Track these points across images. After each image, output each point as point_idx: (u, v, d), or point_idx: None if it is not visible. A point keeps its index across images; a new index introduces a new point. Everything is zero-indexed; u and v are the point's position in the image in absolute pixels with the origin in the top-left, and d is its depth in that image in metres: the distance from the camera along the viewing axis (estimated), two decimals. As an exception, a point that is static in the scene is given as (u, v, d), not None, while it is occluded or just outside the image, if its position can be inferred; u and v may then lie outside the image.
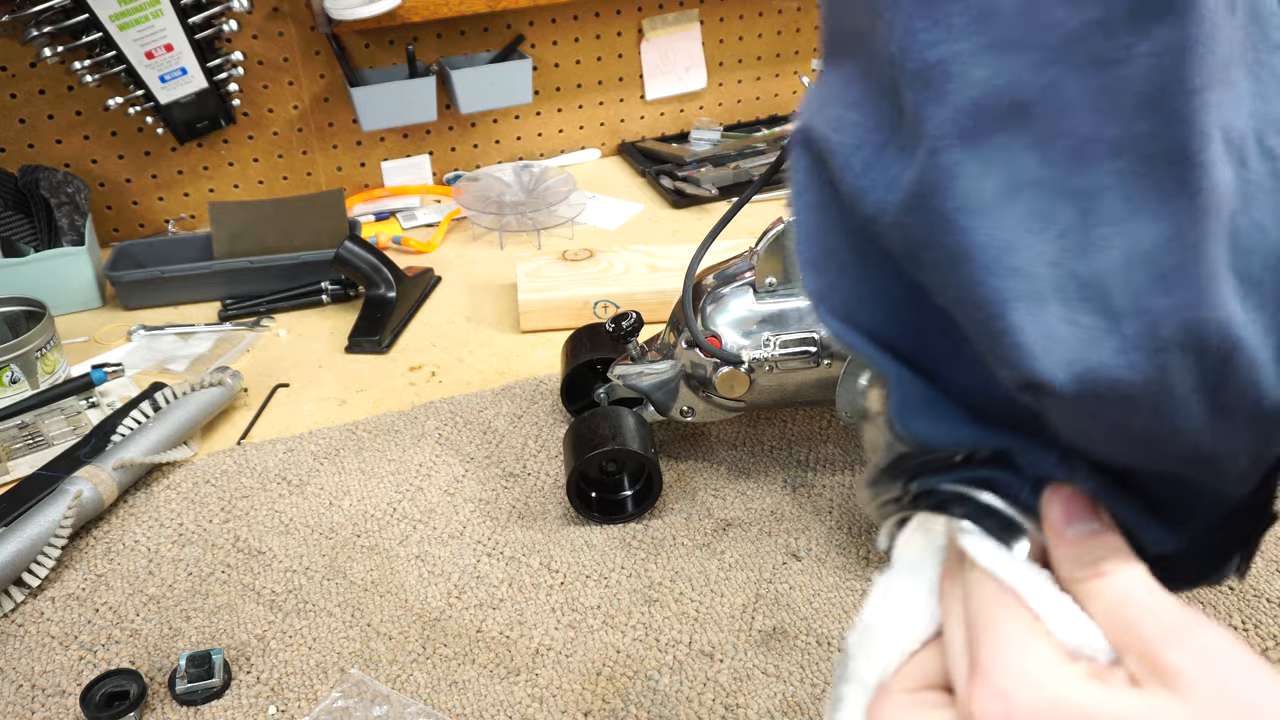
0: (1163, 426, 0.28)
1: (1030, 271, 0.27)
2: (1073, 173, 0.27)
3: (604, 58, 1.70)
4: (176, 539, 0.91)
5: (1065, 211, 0.27)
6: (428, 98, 1.51)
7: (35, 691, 0.76)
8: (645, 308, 1.04)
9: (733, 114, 1.85)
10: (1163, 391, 0.27)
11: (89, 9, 1.28)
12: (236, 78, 1.43)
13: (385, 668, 0.77)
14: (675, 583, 0.84)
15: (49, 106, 1.39)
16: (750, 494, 0.94)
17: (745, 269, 0.90)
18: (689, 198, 1.57)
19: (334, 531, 0.91)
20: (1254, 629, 0.77)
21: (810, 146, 0.32)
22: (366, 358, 1.20)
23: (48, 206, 1.31)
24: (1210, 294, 0.27)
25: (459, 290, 1.35)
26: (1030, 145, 0.27)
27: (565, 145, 1.76)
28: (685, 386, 0.93)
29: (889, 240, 0.31)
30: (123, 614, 0.83)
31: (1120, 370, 0.27)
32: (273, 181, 1.58)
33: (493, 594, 0.84)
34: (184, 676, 0.74)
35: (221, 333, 1.26)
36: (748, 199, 0.89)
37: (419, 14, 1.45)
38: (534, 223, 1.48)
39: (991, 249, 0.27)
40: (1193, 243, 0.27)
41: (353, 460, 1.00)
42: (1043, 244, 0.27)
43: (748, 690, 0.74)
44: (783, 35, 1.80)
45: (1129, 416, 0.28)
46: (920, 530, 0.35)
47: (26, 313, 1.15)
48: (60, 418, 1.07)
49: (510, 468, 0.99)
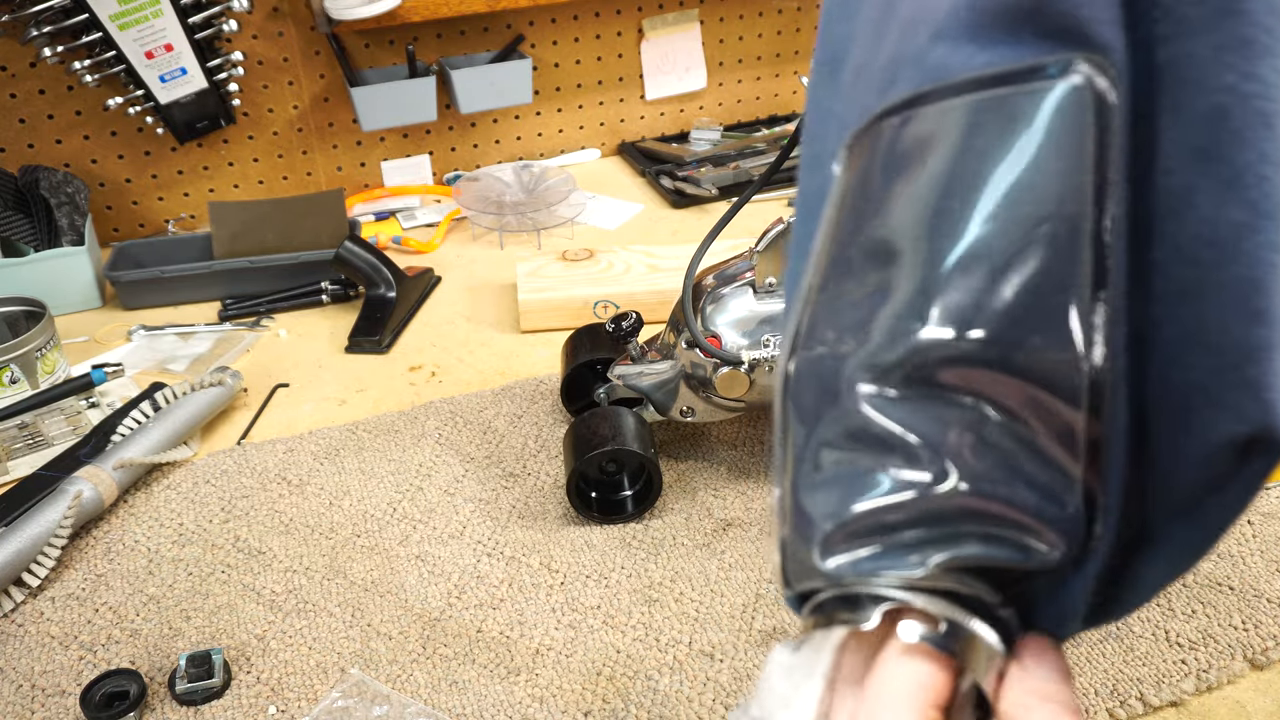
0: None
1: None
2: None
3: (604, 58, 1.70)
4: (176, 539, 0.91)
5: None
6: (428, 98, 1.51)
7: (35, 691, 0.76)
8: (645, 308, 1.04)
9: (733, 114, 1.85)
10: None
11: (89, 9, 1.28)
12: (236, 78, 1.43)
13: (385, 668, 0.77)
14: (675, 583, 0.84)
15: (49, 106, 1.39)
16: (750, 494, 0.94)
17: (745, 269, 0.90)
18: (689, 198, 1.57)
19: (334, 531, 0.91)
20: (1254, 629, 0.77)
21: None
22: (366, 358, 1.20)
23: (48, 206, 1.31)
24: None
25: (459, 290, 1.35)
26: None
27: (565, 145, 1.76)
28: (685, 386, 0.93)
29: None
30: (123, 614, 0.83)
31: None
32: (273, 181, 1.58)
33: (493, 594, 0.84)
34: (184, 676, 0.74)
35: (221, 333, 1.26)
36: (748, 199, 0.89)
37: (419, 14, 1.46)
38: (534, 223, 1.48)
39: (1246, 284, 0.27)
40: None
41: (353, 460, 1.00)
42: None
43: (748, 690, 0.74)
44: (783, 35, 1.80)
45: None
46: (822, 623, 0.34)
47: (26, 313, 1.15)
48: (60, 418, 1.07)
49: (510, 468, 0.99)
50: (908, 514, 0.31)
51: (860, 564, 0.32)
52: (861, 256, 0.33)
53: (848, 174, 0.35)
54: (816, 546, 0.32)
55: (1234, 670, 0.74)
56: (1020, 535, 0.30)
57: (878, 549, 0.31)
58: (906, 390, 0.31)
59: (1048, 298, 0.29)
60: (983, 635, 0.31)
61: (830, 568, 0.32)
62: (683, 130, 1.82)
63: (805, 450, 0.34)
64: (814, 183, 0.39)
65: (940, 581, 0.31)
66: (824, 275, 0.35)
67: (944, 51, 0.32)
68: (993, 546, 0.30)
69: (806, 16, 1.80)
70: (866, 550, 0.32)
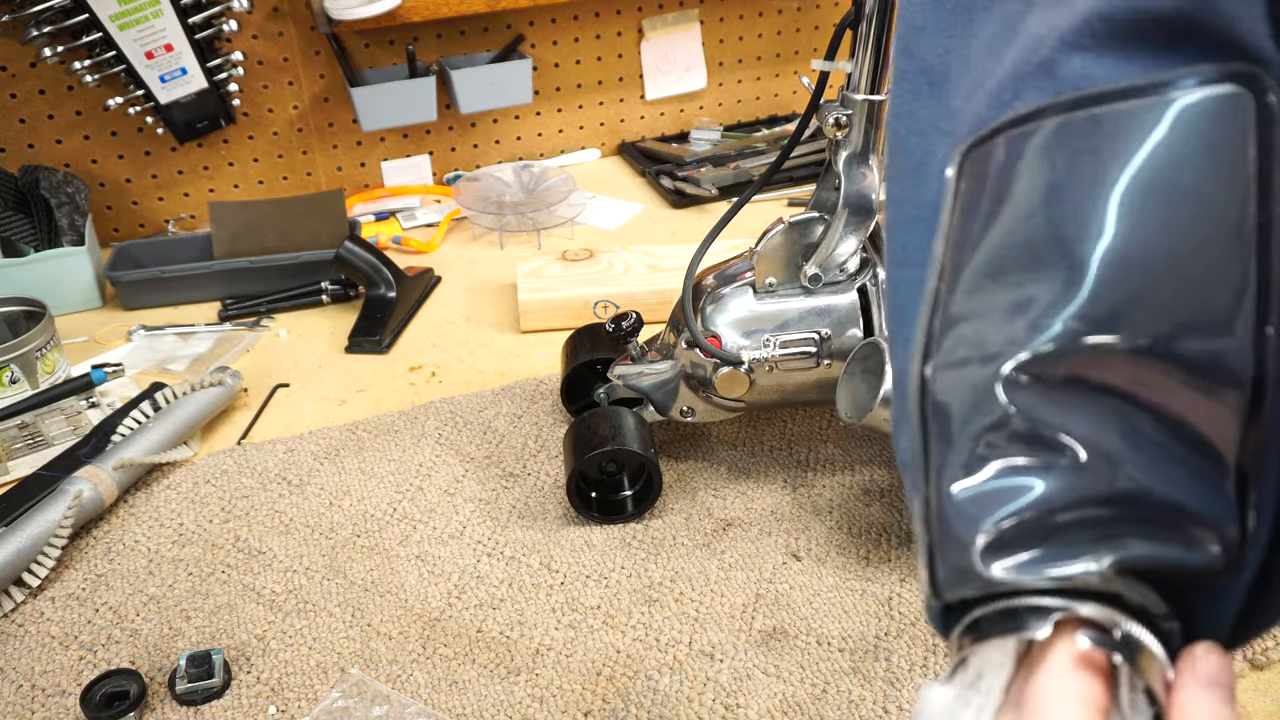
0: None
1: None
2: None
3: (604, 58, 1.70)
4: (176, 539, 0.91)
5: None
6: (428, 98, 1.51)
7: (35, 691, 0.76)
8: (645, 308, 1.04)
9: (733, 114, 1.85)
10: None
11: (89, 9, 1.28)
12: (236, 78, 1.43)
13: (385, 668, 0.77)
14: (675, 583, 0.84)
15: (49, 106, 1.39)
16: (750, 494, 0.94)
17: (745, 269, 0.90)
18: (689, 198, 1.57)
19: (334, 531, 0.91)
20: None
21: None
22: (366, 358, 1.20)
23: (48, 206, 1.31)
24: None
25: (459, 290, 1.35)
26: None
27: (565, 145, 1.76)
28: (685, 386, 0.93)
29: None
30: (123, 614, 0.83)
31: None
32: (273, 181, 1.58)
33: (493, 594, 0.84)
34: (184, 676, 0.74)
35: (221, 333, 1.26)
36: (748, 199, 0.89)
37: (419, 14, 1.45)
38: (534, 223, 1.48)
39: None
40: None
41: (353, 460, 1.00)
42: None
43: (748, 690, 0.74)
44: (783, 35, 1.80)
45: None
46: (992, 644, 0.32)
47: (26, 313, 1.15)
48: (60, 418, 1.07)
49: (510, 468, 0.99)
50: (1069, 515, 0.30)
51: (1025, 567, 0.31)
52: (998, 259, 0.33)
53: (966, 181, 0.35)
54: (976, 551, 0.31)
55: (1234, 670, 0.74)
56: (1182, 533, 0.30)
57: (1042, 551, 0.30)
58: (1062, 390, 0.31)
59: (1208, 296, 0.29)
60: (1150, 646, 0.30)
61: (995, 572, 0.31)
62: (683, 130, 1.82)
63: (950, 454, 0.33)
64: (920, 193, 0.39)
65: (1111, 584, 0.30)
66: (951, 279, 0.35)
67: (1082, 63, 0.32)
68: (1158, 545, 0.30)
69: (806, 16, 1.80)
70: (1030, 553, 0.31)
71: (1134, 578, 0.30)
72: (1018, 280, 0.32)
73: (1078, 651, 0.30)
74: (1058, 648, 0.30)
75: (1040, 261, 0.32)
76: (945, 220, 0.36)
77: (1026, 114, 0.33)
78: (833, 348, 0.88)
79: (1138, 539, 0.30)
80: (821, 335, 0.88)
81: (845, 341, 0.88)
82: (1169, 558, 0.30)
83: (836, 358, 0.88)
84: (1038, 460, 0.31)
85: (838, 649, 0.77)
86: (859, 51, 0.80)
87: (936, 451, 0.34)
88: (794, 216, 0.88)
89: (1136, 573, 0.30)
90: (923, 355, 0.35)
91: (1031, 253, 0.32)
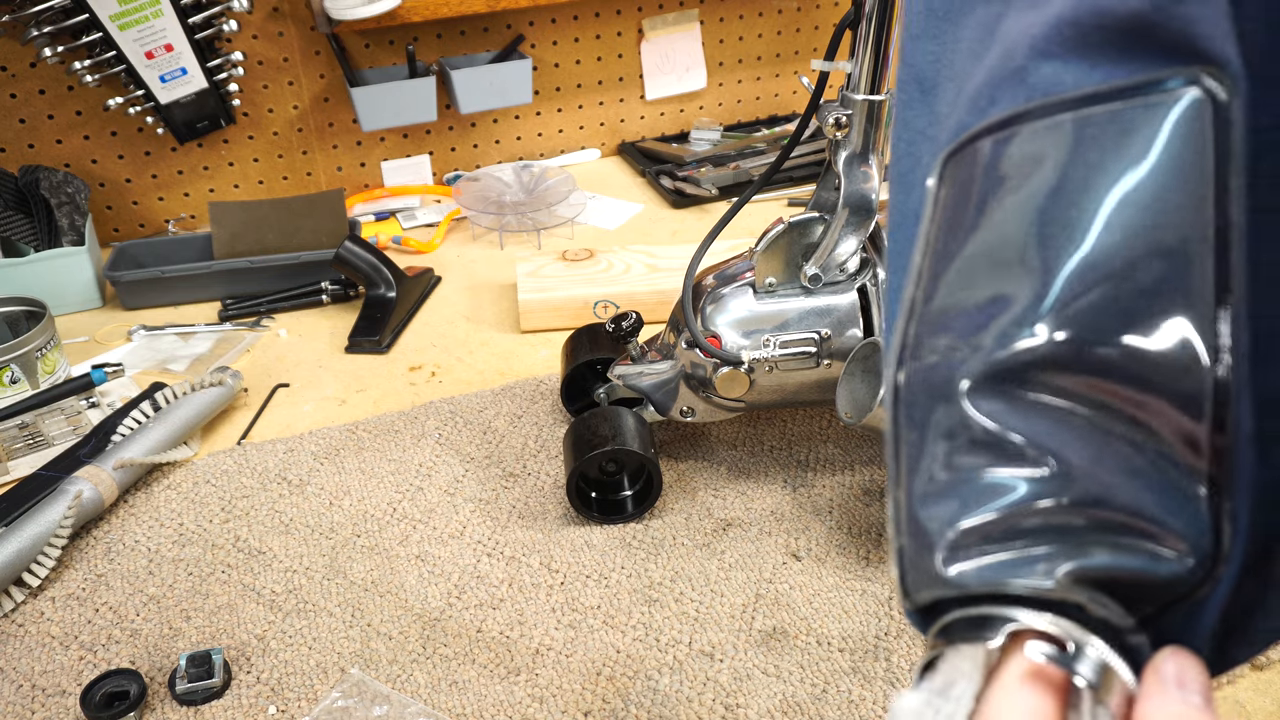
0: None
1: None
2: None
3: (604, 58, 1.70)
4: (176, 539, 0.91)
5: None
6: (428, 98, 1.51)
7: (35, 691, 0.76)
8: (645, 308, 1.04)
9: (733, 114, 1.85)
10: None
11: (89, 9, 1.28)
12: (236, 78, 1.43)
13: (385, 668, 0.77)
14: (675, 583, 0.84)
15: (49, 106, 1.39)
16: (750, 494, 0.94)
17: (745, 269, 0.90)
18: (689, 198, 1.57)
19: (334, 531, 0.91)
20: (1254, 629, 0.77)
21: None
22: (366, 358, 1.20)
23: (48, 206, 1.31)
24: None
25: (459, 290, 1.35)
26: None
27: (565, 145, 1.76)
28: (685, 386, 0.93)
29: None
30: (123, 614, 0.83)
31: None
32: (273, 181, 1.58)
33: (493, 594, 0.84)
34: (184, 676, 0.74)
35: (221, 333, 1.26)
36: (748, 199, 0.89)
37: (419, 14, 1.46)
38: (534, 223, 1.48)
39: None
40: None
41: (353, 460, 1.00)
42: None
43: (748, 690, 0.74)
44: (783, 35, 1.80)
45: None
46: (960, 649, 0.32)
47: (26, 313, 1.15)
48: (60, 418, 1.07)
49: (510, 468, 0.99)
50: (1031, 521, 0.30)
51: (985, 571, 0.31)
52: (970, 268, 0.34)
53: (946, 189, 0.35)
54: (939, 554, 0.32)
55: (1233, 670, 0.74)
56: (1148, 543, 0.30)
57: (1003, 556, 0.31)
58: (1025, 397, 0.31)
59: (1169, 304, 0.29)
60: (1108, 659, 0.30)
61: (954, 574, 0.31)
62: (683, 130, 1.82)
63: (921, 459, 0.33)
64: (907, 200, 0.39)
65: (1070, 594, 0.30)
66: (928, 287, 0.35)
67: (1052, 69, 0.32)
68: (1121, 555, 0.30)
69: (806, 16, 1.80)
70: (991, 557, 0.31)
71: (1097, 588, 0.30)
72: (989, 289, 0.33)
73: (1028, 665, 0.29)
74: (1013, 660, 0.30)
75: (1011, 270, 0.32)
76: (924, 228, 0.36)
77: (1003, 119, 0.33)
78: (833, 348, 0.88)
79: (1102, 548, 0.30)
80: (821, 335, 0.88)
81: (845, 341, 0.88)
82: (1133, 567, 0.30)
83: (836, 358, 0.88)
84: (1005, 467, 0.31)
85: (838, 649, 0.77)
86: (859, 51, 0.81)
87: (908, 456, 0.34)
88: (794, 216, 0.88)
89: (1100, 583, 0.30)
90: (897, 361, 0.36)
91: (1003, 261, 0.33)
